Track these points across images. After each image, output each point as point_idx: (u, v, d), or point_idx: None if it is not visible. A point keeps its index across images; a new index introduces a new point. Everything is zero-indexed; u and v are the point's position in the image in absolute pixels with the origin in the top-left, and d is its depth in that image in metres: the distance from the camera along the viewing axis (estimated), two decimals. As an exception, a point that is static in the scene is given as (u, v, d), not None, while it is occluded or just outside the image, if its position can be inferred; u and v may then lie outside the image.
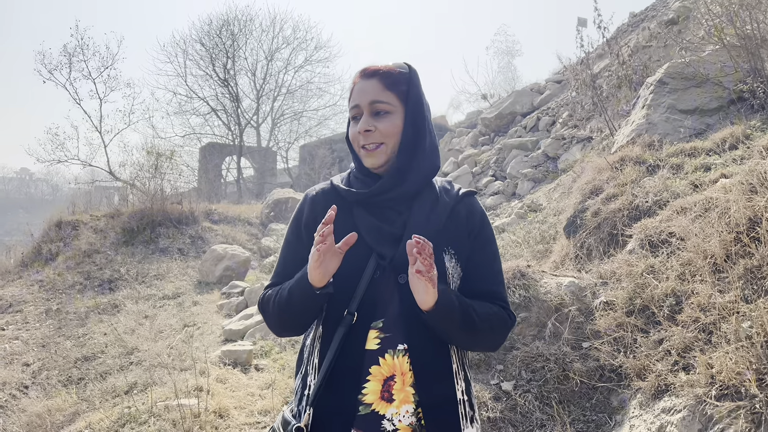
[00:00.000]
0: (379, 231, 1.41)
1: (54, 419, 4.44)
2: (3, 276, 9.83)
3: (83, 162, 18.19)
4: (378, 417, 1.31)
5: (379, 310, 1.37)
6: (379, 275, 1.38)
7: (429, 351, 1.35)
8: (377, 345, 1.35)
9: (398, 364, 1.33)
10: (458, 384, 1.38)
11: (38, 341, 7.16)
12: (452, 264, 1.41)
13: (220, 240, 10.82)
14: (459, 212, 1.48)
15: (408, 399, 1.32)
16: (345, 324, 1.35)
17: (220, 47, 23.41)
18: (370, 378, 1.33)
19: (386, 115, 1.43)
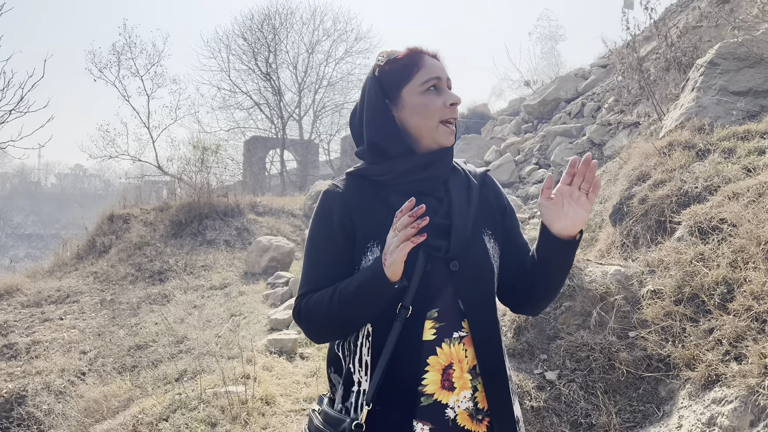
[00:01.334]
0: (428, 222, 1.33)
1: (110, 404, 4.63)
2: (60, 268, 10.27)
3: (133, 157, 18.76)
4: (441, 406, 1.31)
5: (433, 300, 1.34)
6: (431, 266, 1.34)
7: (488, 335, 1.37)
8: (433, 335, 1.33)
9: (455, 352, 1.33)
10: (506, 356, 1.42)
11: (94, 330, 7.46)
12: (491, 245, 1.42)
13: (265, 231, 11.01)
14: (487, 192, 1.49)
15: (466, 385, 1.33)
16: (400, 318, 1.31)
17: (262, 41, 23.69)
18: (429, 369, 1.32)
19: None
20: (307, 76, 24.72)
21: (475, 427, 1.32)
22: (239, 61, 23.99)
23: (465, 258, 1.35)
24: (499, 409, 1.34)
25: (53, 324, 7.99)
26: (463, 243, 1.35)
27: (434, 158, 1.40)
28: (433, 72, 1.39)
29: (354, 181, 1.43)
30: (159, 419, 3.85)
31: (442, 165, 1.41)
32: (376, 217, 1.36)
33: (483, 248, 1.39)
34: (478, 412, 1.33)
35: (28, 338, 7.60)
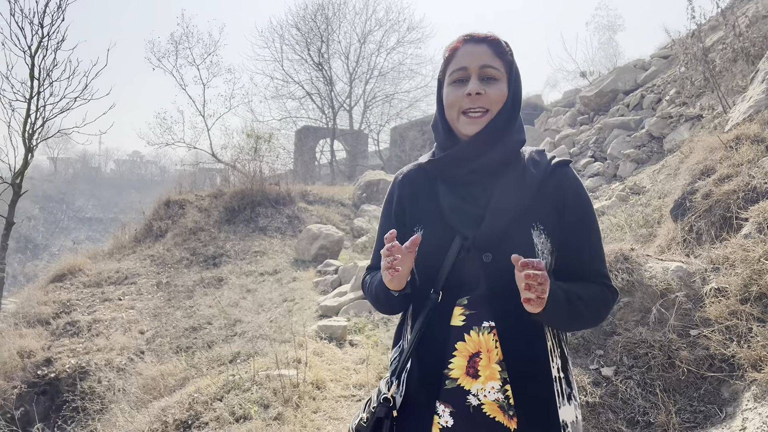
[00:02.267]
0: (461, 210, 1.39)
1: (167, 382, 4.80)
2: (120, 250, 10.66)
3: (188, 145, 19.27)
4: (463, 392, 1.32)
5: (464, 288, 1.37)
6: (464, 255, 1.37)
7: (518, 329, 1.33)
8: (462, 322, 1.35)
9: (483, 341, 1.33)
10: (553, 361, 1.36)
11: (150, 311, 7.73)
12: (541, 240, 1.36)
13: (315, 220, 11.15)
14: (548, 185, 1.40)
15: (494, 376, 1.31)
16: (430, 303, 1.38)
17: (315, 31, 23.89)
18: (456, 354, 1.34)
19: (495, 81, 1.39)
20: (358, 66, 24.82)
21: (507, 422, 1.31)
22: (292, 51, 24.31)
23: (500, 250, 1.33)
24: (529, 407, 1.31)
25: (112, 304, 8.32)
26: (496, 235, 1.34)
27: (471, 151, 1.39)
28: (459, 63, 1.40)
29: (415, 170, 1.52)
30: (214, 399, 3.97)
31: (484, 156, 1.39)
32: (423, 204, 1.45)
33: (526, 242, 1.34)
34: (510, 407, 1.31)
35: (89, 316, 7.94)
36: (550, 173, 1.41)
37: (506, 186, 1.38)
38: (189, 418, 3.84)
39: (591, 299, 1.35)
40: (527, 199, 1.37)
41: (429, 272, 1.40)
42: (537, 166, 1.42)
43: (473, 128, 1.39)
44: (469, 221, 1.37)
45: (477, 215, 1.37)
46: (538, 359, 1.34)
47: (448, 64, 1.43)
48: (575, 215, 1.40)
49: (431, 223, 1.43)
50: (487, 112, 1.38)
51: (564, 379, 1.37)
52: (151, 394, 4.65)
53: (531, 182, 1.39)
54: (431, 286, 1.38)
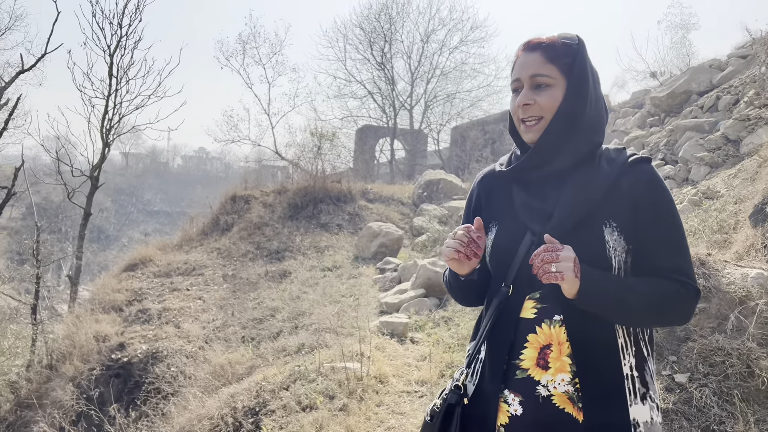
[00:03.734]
0: (531, 207, 1.44)
1: (234, 370, 4.97)
2: (187, 243, 11.08)
3: (253, 142, 19.79)
4: (533, 382, 1.36)
5: (536, 282, 1.38)
6: (535, 250, 1.38)
7: (588, 324, 1.34)
8: (534, 315, 1.39)
9: (555, 334, 1.36)
10: (625, 358, 1.35)
11: (217, 302, 8.00)
12: (614, 237, 1.36)
13: (375, 218, 11.25)
14: (624, 182, 1.39)
15: (564, 368, 1.34)
16: (500, 296, 1.44)
17: (378, 31, 24.07)
18: (527, 345, 1.38)
19: (546, 88, 1.41)
20: (420, 65, 24.84)
21: (576, 413, 1.33)
22: (355, 50, 24.56)
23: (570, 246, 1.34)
24: (596, 402, 1.32)
25: (181, 294, 8.66)
26: (565, 231, 1.35)
27: (538, 158, 1.43)
28: (515, 73, 1.46)
29: (493, 171, 1.60)
30: (280, 388, 4.09)
31: (552, 163, 1.42)
32: (498, 203, 1.53)
33: (597, 239, 1.35)
34: (580, 399, 1.33)
35: (159, 305, 8.30)
36: (626, 170, 1.40)
37: (577, 184, 1.40)
38: (256, 405, 3.97)
39: (650, 293, 1.33)
40: (599, 196, 1.37)
41: (502, 267, 1.46)
42: (612, 164, 1.42)
43: (529, 136, 1.44)
44: (540, 218, 1.41)
45: (547, 212, 1.41)
46: (607, 355, 1.34)
47: (511, 74, 1.49)
48: (651, 211, 1.38)
49: (505, 220, 1.49)
50: (540, 120, 1.42)
51: (639, 378, 1.37)
52: (219, 381, 4.83)
53: (604, 179, 1.39)
54: (503, 280, 1.44)
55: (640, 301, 1.32)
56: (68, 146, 12.86)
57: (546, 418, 1.34)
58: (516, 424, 1.37)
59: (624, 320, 1.36)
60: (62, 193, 23.51)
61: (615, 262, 1.36)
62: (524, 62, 1.43)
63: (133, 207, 44.87)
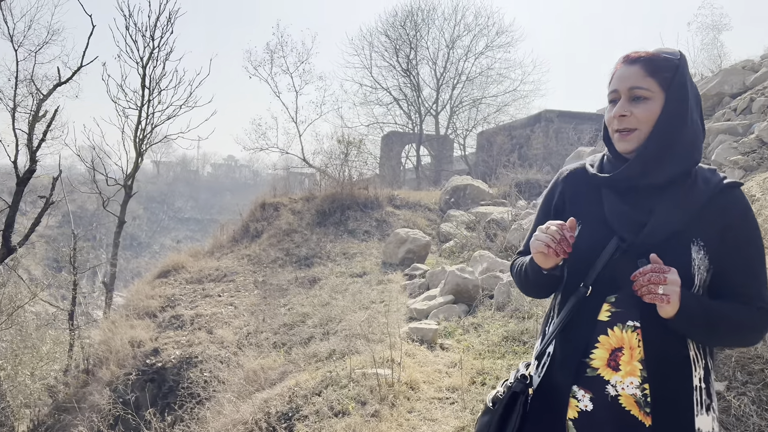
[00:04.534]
0: (623, 214, 1.47)
1: (266, 375, 5.05)
2: (219, 249, 11.26)
3: (281, 150, 20.04)
4: (603, 381, 1.41)
5: (613, 286, 1.45)
6: (618, 256, 1.45)
7: (663, 334, 1.39)
8: (607, 317, 1.44)
9: (627, 338, 1.41)
10: (696, 371, 1.41)
11: (248, 308, 8.12)
12: (700, 256, 1.41)
13: (402, 224, 11.28)
14: (716, 204, 1.44)
15: (634, 372, 1.39)
16: (578, 295, 1.48)
17: (404, 38, 24.18)
18: (599, 346, 1.44)
19: (644, 101, 1.44)
20: (446, 71, 24.86)
21: (642, 417, 1.38)
22: (381, 57, 24.71)
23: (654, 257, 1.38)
24: (666, 409, 1.37)
25: (213, 300, 8.81)
26: (655, 243, 1.39)
27: (638, 170, 1.45)
28: (613, 85, 1.50)
29: (581, 171, 1.63)
30: (312, 393, 4.15)
31: (653, 175, 1.45)
32: (584, 203, 1.57)
33: (684, 255, 1.40)
34: (647, 404, 1.38)
35: (192, 311, 8.45)
36: (719, 192, 1.44)
37: (673, 198, 1.44)
38: (289, 411, 4.03)
39: (734, 319, 1.39)
40: (692, 213, 1.42)
41: (581, 267, 1.50)
42: (707, 184, 1.46)
43: (622, 146, 1.48)
44: (630, 226, 1.45)
45: (638, 221, 1.45)
46: (679, 366, 1.40)
47: (609, 84, 1.52)
48: (738, 237, 1.43)
49: (590, 221, 1.53)
50: (634, 131, 1.45)
51: (705, 390, 1.42)
52: (252, 386, 4.92)
53: (698, 198, 1.43)
54: (581, 281, 1.48)
55: (724, 326, 1.39)
56: (102, 156, 13.22)
57: (613, 417, 1.40)
58: (586, 419, 1.43)
59: (704, 340, 1.43)
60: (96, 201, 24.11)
61: (697, 280, 1.40)
62: (623, 74, 1.47)
63: (164, 214, 45.70)
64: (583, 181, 1.59)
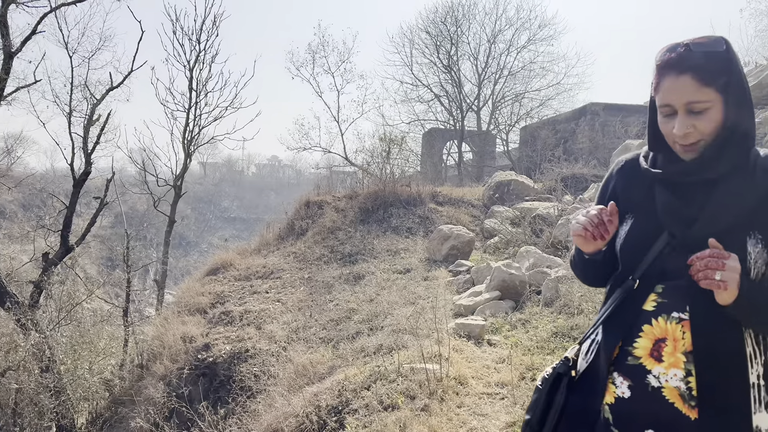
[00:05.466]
0: (674, 209, 1.44)
1: (316, 370, 5.13)
2: (265, 247, 11.46)
3: (324, 149, 20.23)
4: (644, 370, 1.39)
5: (662, 278, 1.43)
6: (669, 252, 1.43)
7: (715, 328, 1.35)
8: (653, 307, 1.42)
9: (671, 329, 1.38)
10: (753, 367, 1.36)
11: (295, 304, 8.25)
12: (757, 249, 1.35)
13: (445, 220, 11.25)
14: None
15: (678, 364, 1.36)
16: (626, 287, 1.47)
17: (444, 34, 24.06)
18: (642, 335, 1.42)
19: (705, 113, 1.36)
20: (487, 66, 24.64)
21: (687, 410, 1.35)
22: (422, 54, 24.65)
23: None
24: (716, 405, 1.33)
25: (260, 296, 8.98)
26: (706, 238, 1.34)
27: (696, 168, 1.42)
28: (665, 99, 1.40)
29: (635, 162, 1.59)
30: (361, 387, 4.20)
31: (709, 171, 1.41)
32: (636, 196, 1.54)
33: (739, 250, 1.34)
34: (692, 397, 1.34)
35: (240, 307, 8.64)
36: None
37: (727, 191, 1.39)
38: (339, 404, 4.09)
39: None
40: (748, 206, 1.36)
41: (631, 260, 1.48)
42: (766, 173, 1.39)
43: (689, 155, 1.42)
44: (681, 221, 1.42)
45: (690, 217, 1.41)
46: (733, 362, 1.35)
47: (656, 92, 1.43)
48: None
49: (641, 214, 1.50)
50: (699, 142, 1.39)
51: (764, 386, 1.37)
52: (302, 380, 5.00)
53: (756, 189, 1.37)
54: (631, 273, 1.47)
55: None
56: (153, 158, 13.63)
57: (654, 408, 1.37)
58: (622, 405, 1.42)
59: (763, 329, 1.39)
60: (146, 202, 24.84)
61: (753, 273, 1.35)
62: (675, 88, 1.36)
63: (211, 214, 46.79)
64: (637, 173, 1.55)
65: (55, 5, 9.60)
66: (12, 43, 8.86)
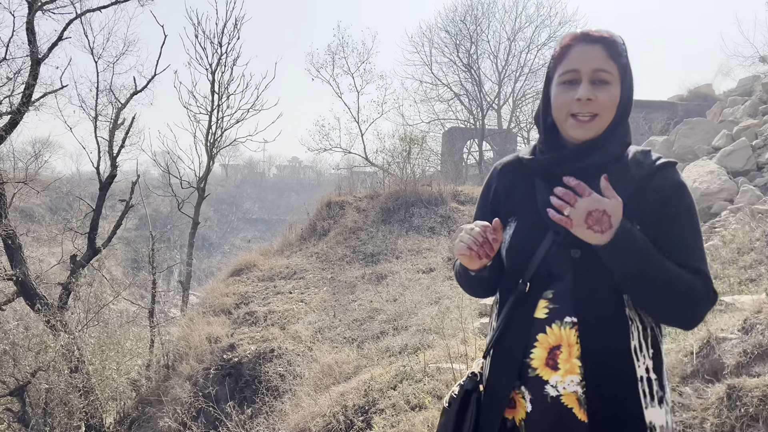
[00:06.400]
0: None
1: (341, 370, 5.14)
2: (287, 248, 11.52)
3: (344, 150, 20.28)
4: (542, 382, 1.36)
5: (551, 282, 1.40)
6: (555, 249, 1.40)
7: (601, 326, 1.34)
8: (545, 315, 1.39)
9: (565, 336, 1.35)
10: (639, 360, 1.34)
11: (318, 304, 8.28)
12: None
13: (467, 220, 11.19)
14: (649, 186, 1.37)
15: (574, 370, 1.33)
16: (517, 292, 1.43)
17: (464, 33, 23.95)
18: (537, 345, 1.38)
19: (606, 85, 1.36)
20: (507, 64, 24.49)
21: (581, 415, 1.33)
22: (441, 54, 24.56)
23: (589, 247, 1.32)
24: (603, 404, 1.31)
25: (284, 297, 9.02)
26: None
27: (578, 153, 1.39)
28: (571, 64, 1.37)
29: (515, 162, 1.56)
30: (388, 387, 4.19)
31: (589, 159, 1.38)
32: (519, 197, 1.50)
33: None
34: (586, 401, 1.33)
35: (264, 308, 8.69)
36: (652, 174, 1.38)
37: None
38: (366, 404, 4.09)
39: (673, 271, 1.30)
40: (624, 198, 1.32)
41: (519, 263, 1.44)
42: (639, 167, 1.39)
43: (581, 132, 1.37)
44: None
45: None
46: (619, 358, 1.33)
47: (559, 62, 1.40)
48: (673, 212, 1.36)
49: (525, 216, 1.47)
50: (595, 117, 1.36)
51: (656, 381, 1.36)
52: (328, 380, 5.01)
53: (630, 182, 1.37)
54: (520, 277, 1.43)
55: (661, 274, 1.29)
56: (176, 160, 13.79)
57: (554, 418, 1.35)
58: (530, 421, 1.39)
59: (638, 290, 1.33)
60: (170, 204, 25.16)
61: None
62: (585, 54, 1.36)
63: (233, 216, 47.19)
64: (518, 173, 1.52)
65: (81, 11, 9.76)
66: (39, 50, 9.02)
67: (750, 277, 4.06)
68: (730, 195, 7.54)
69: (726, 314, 3.06)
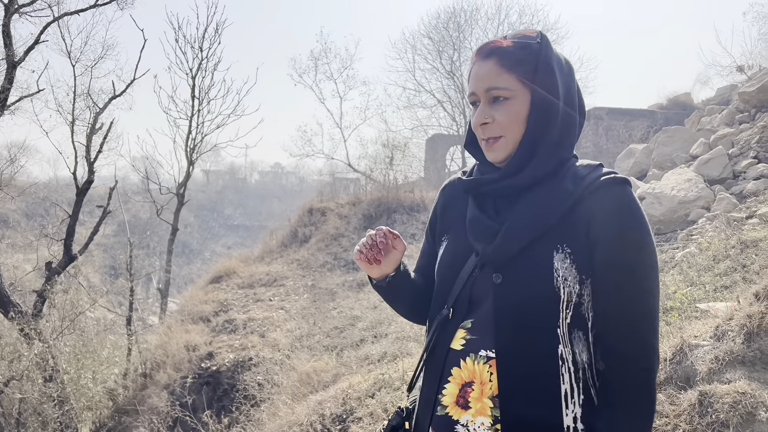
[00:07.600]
0: (479, 223, 1.28)
1: (320, 378, 5.09)
2: (269, 255, 11.45)
3: (327, 156, 20.26)
4: (451, 421, 1.22)
5: (471, 309, 1.26)
6: (478, 272, 1.26)
7: (521, 365, 1.17)
8: (461, 346, 1.24)
9: (478, 371, 1.20)
10: (568, 408, 1.17)
11: (299, 311, 8.22)
12: (565, 265, 1.18)
13: (450, 226, 11.23)
14: (587, 203, 1.20)
15: (485, 411, 1.18)
16: (441, 318, 1.29)
17: (447, 40, 24.09)
18: (450, 379, 1.24)
19: (504, 102, 1.23)
20: (489, 72, 24.60)
21: None
22: (424, 60, 24.67)
23: (512, 272, 1.21)
24: None
25: (264, 304, 8.96)
26: (510, 254, 1.21)
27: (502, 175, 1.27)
28: (470, 86, 1.28)
29: (456, 181, 1.46)
30: (366, 395, 4.16)
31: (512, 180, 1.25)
32: (453, 215, 1.41)
33: (545, 265, 1.18)
34: None
35: (244, 315, 8.61)
36: (593, 191, 1.20)
37: (531, 202, 1.23)
38: (344, 413, 4.05)
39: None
40: (554, 217, 1.20)
41: (444, 287, 1.32)
42: (579, 183, 1.22)
43: (492, 156, 1.28)
44: (486, 236, 1.25)
45: (492, 228, 1.25)
46: (543, 404, 1.16)
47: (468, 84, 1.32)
48: (615, 242, 1.18)
49: (455, 235, 1.37)
50: (499, 139, 1.25)
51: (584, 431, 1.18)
52: (306, 388, 4.97)
53: (564, 199, 1.21)
54: (445, 302, 1.30)
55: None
56: (155, 165, 13.65)
57: None
58: None
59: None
60: (149, 210, 24.89)
61: (564, 294, 1.17)
62: (478, 73, 1.25)
63: (214, 222, 46.80)
64: (456, 190, 1.42)
65: (58, 15, 9.62)
66: (15, 53, 8.88)
67: (725, 284, 4.09)
68: (707, 203, 7.63)
69: (700, 321, 3.08)
